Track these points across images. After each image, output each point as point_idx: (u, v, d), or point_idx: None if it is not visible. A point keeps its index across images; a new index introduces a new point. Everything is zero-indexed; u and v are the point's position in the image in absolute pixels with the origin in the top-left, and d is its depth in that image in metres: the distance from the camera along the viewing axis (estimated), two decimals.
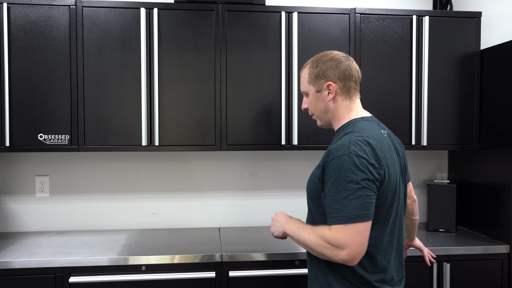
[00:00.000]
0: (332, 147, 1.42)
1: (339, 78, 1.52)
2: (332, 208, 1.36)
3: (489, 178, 2.44)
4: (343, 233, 1.33)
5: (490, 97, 2.42)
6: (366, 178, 1.35)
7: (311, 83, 1.57)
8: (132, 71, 2.27)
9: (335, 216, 1.35)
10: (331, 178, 1.37)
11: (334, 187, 1.36)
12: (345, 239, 1.33)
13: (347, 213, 1.33)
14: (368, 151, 1.39)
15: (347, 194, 1.34)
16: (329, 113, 1.57)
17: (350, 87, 1.54)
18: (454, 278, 2.25)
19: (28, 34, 2.22)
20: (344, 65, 1.53)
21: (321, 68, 1.53)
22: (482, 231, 2.51)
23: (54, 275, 2.05)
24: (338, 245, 1.34)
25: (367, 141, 1.41)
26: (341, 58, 1.54)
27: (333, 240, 1.35)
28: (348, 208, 1.33)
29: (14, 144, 2.22)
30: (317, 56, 1.58)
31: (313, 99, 1.58)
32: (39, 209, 2.62)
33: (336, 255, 1.36)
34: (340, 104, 1.54)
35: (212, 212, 2.74)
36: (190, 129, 2.32)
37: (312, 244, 1.42)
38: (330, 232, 1.37)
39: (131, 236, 2.48)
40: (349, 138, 1.41)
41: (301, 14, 2.36)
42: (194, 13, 2.30)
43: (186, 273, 2.10)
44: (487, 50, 2.44)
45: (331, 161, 1.38)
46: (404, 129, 2.44)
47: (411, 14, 2.43)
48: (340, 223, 1.34)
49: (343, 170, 1.35)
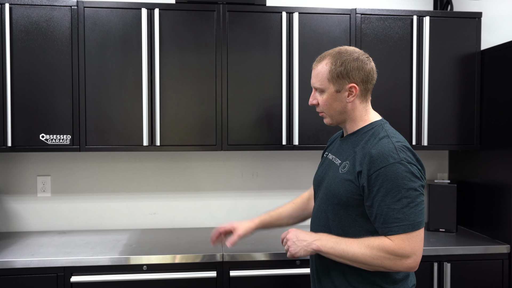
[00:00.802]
0: (374, 153, 1.37)
1: (362, 81, 1.47)
2: (392, 217, 1.33)
3: (489, 178, 2.44)
4: (409, 241, 1.33)
5: (491, 97, 2.43)
6: (421, 185, 1.36)
7: (331, 82, 1.47)
8: (133, 71, 2.28)
9: (397, 225, 1.33)
10: (384, 187, 1.34)
11: (391, 196, 1.33)
12: (412, 247, 1.33)
13: (411, 221, 1.33)
14: (414, 157, 1.39)
15: (407, 202, 1.33)
16: (344, 114, 1.51)
17: (369, 90, 1.51)
18: (454, 278, 2.26)
19: (30, 34, 2.23)
20: (368, 68, 1.48)
21: (346, 68, 1.45)
22: (482, 231, 2.51)
23: (55, 275, 2.06)
24: (405, 254, 1.34)
25: (408, 147, 1.40)
26: (365, 60, 1.49)
27: (400, 250, 1.33)
28: (412, 216, 1.33)
29: (16, 144, 2.23)
30: (339, 52, 1.49)
31: (330, 98, 1.49)
32: (41, 209, 2.63)
33: (401, 264, 1.35)
34: (357, 106, 1.50)
35: (213, 212, 2.74)
36: (191, 129, 2.33)
37: (367, 258, 1.36)
38: (394, 243, 1.34)
39: (132, 235, 2.49)
40: (391, 144, 1.38)
41: (302, 15, 2.36)
42: (195, 14, 2.31)
43: (187, 273, 2.11)
44: (488, 51, 2.45)
45: (381, 169, 1.34)
46: (405, 129, 2.45)
47: (411, 14, 2.43)
48: (405, 232, 1.33)
49: (400, 178, 1.33)
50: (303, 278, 2.13)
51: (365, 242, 1.38)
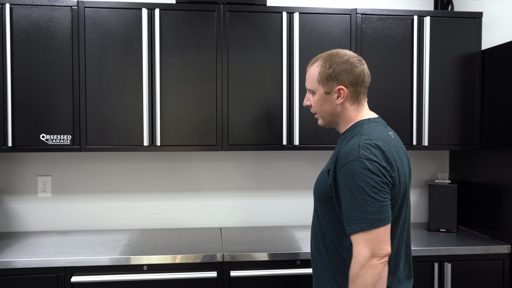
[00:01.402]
0: (341, 152, 1.39)
1: (351, 84, 1.48)
2: (352, 215, 1.33)
3: (490, 178, 2.44)
4: (367, 240, 1.31)
5: (491, 97, 2.43)
6: (380, 181, 1.33)
7: (321, 83, 1.51)
8: (134, 71, 2.28)
9: (356, 223, 1.32)
10: (344, 185, 1.35)
11: (350, 193, 1.33)
12: (370, 247, 1.30)
13: (369, 219, 1.30)
14: (379, 154, 1.36)
15: (364, 200, 1.31)
16: (335, 116, 1.54)
17: (360, 93, 1.51)
18: (455, 278, 2.26)
19: (30, 34, 2.23)
20: (358, 70, 1.49)
21: (334, 70, 1.48)
22: (483, 231, 2.51)
23: (56, 275, 2.06)
24: (366, 258, 1.30)
25: (376, 144, 1.38)
26: (355, 62, 1.50)
27: (359, 256, 1.31)
28: (368, 214, 1.31)
29: (17, 144, 2.23)
30: (330, 55, 1.52)
31: (320, 99, 1.53)
32: (41, 209, 2.63)
33: (372, 269, 1.29)
34: (348, 108, 1.51)
35: (214, 212, 2.74)
36: (192, 129, 2.33)
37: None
38: (355, 252, 1.32)
39: (132, 236, 2.49)
40: (357, 142, 1.38)
41: (302, 15, 2.36)
42: (196, 14, 2.31)
43: (188, 273, 2.11)
44: (488, 51, 2.44)
45: (342, 167, 1.36)
46: (405, 129, 2.45)
47: (412, 14, 2.43)
48: (363, 229, 1.31)
49: (356, 176, 1.32)
50: (303, 278, 2.13)
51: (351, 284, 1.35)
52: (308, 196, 2.75)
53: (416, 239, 2.41)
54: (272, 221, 2.75)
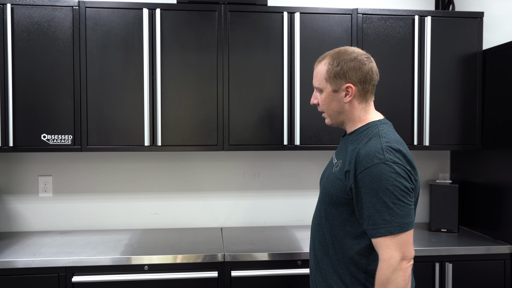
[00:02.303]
0: (361, 153, 1.37)
1: (360, 81, 1.47)
2: (379, 219, 1.32)
3: (491, 178, 2.44)
4: (396, 244, 1.31)
5: (492, 97, 2.42)
6: (408, 185, 1.34)
7: (329, 81, 1.49)
8: (135, 71, 2.28)
9: (384, 227, 1.31)
10: (370, 188, 1.33)
11: (376, 197, 1.32)
12: (400, 250, 1.31)
13: (398, 223, 1.31)
14: (402, 157, 1.36)
15: (393, 204, 1.31)
16: (343, 114, 1.52)
17: (368, 91, 1.49)
18: (456, 278, 2.25)
19: (32, 34, 2.23)
20: (367, 68, 1.47)
21: (342, 67, 1.46)
22: (484, 231, 2.50)
23: (57, 275, 2.06)
24: (396, 261, 1.30)
25: (398, 147, 1.37)
26: (364, 60, 1.48)
27: (390, 260, 1.31)
28: (398, 217, 1.31)
29: (18, 144, 2.24)
30: (338, 52, 1.50)
31: (328, 97, 1.51)
32: (42, 209, 2.63)
33: (402, 272, 1.31)
34: (356, 107, 1.50)
35: (215, 212, 2.74)
36: (193, 129, 2.33)
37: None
38: (381, 260, 1.33)
39: (133, 236, 2.49)
40: (379, 145, 1.37)
41: (303, 15, 2.36)
42: (197, 14, 2.31)
43: (189, 273, 2.11)
44: (489, 50, 2.44)
45: (366, 170, 1.34)
46: (406, 129, 2.44)
47: (413, 14, 2.43)
48: (392, 233, 1.31)
49: (385, 179, 1.31)
50: (304, 278, 2.13)
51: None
52: (309, 196, 2.75)
53: (417, 239, 2.41)
54: (273, 221, 2.75)
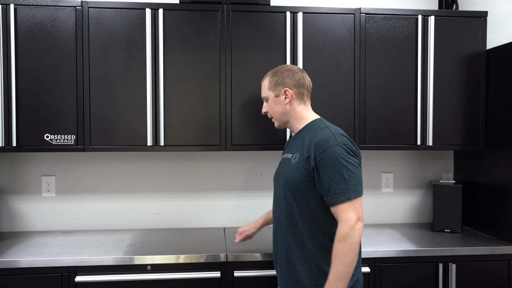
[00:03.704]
0: (316, 141, 1.67)
1: (294, 85, 1.81)
2: (338, 188, 1.60)
3: (495, 178, 2.43)
4: (353, 207, 1.60)
5: (496, 97, 2.41)
6: (357, 161, 1.66)
7: (271, 89, 1.85)
8: (138, 71, 2.28)
9: (342, 194, 1.60)
10: (328, 165, 1.63)
11: (334, 171, 1.61)
12: (357, 212, 1.60)
13: (353, 189, 1.61)
14: (349, 142, 1.68)
15: (348, 176, 1.61)
16: (286, 115, 1.84)
17: (303, 94, 1.83)
18: (460, 279, 2.24)
19: (35, 35, 2.24)
20: (298, 76, 1.83)
21: (279, 77, 1.83)
22: (488, 232, 2.49)
23: (60, 275, 2.06)
24: (353, 221, 1.59)
25: (344, 134, 1.71)
26: (296, 70, 1.85)
27: (349, 220, 1.59)
28: (352, 186, 1.61)
29: (21, 144, 2.24)
30: (276, 68, 1.89)
31: (272, 103, 1.86)
32: (46, 209, 2.64)
33: (357, 232, 1.59)
34: (296, 107, 1.83)
35: (217, 212, 2.74)
36: (195, 129, 2.33)
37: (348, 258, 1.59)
38: (340, 223, 1.60)
39: (136, 235, 2.49)
40: (330, 133, 1.69)
41: (306, 14, 2.36)
42: (199, 14, 2.31)
43: (191, 273, 2.11)
44: (493, 50, 2.43)
45: (324, 151, 1.64)
46: (410, 129, 2.44)
47: (416, 13, 2.42)
48: (349, 199, 1.60)
49: (340, 157, 1.62)
50: None
51: (334, 256, 1.60)
52: None
53: (420, 239, 2.40)
54: None
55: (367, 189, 2.82)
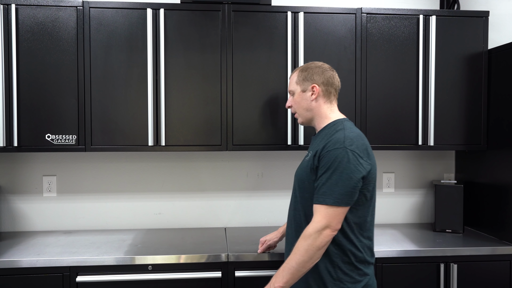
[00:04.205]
0: (328, 141, 1.64)
1: (323, 83, 1.78)
2: (322, 189, 1.59)
3: (496, 179, 2.42)
4: (326, 213, 1.57)
5: (498, 96, 2.41)
6: (355, 170, 1.58)
7: (298, 84, 1.82)
8: (139, 71, 2.28)
9: (323, 197, 1.58)
10: (324, 165, 1.61)
11: (326, 172, 1.59)
12: (328, 219, 1.56)
13: (335, 198, 1.56)
14: (359, 146, 1.63)
15: (336, 181, 1.57)
16: (311, 112, 1.81)
17: (331, 93, 1.80)
18: (461, 279, 2.24)
19: (36, 35, 2.24)
20: (328, 74, 1.80)
21: (309, 72, 1.80)
22: (489, 232, 2.49)
23: (61, 274, 2.07)
24: (321, 227, 1.56)
25: (357, 139, 1.65)
26: (327, 68, 1.81)
27: (317, 224, 1.57)
28: (335, 193, 1.56)
29: (22, 144, 2.24)
30: (307, 64, 1.86)
31: (298, 97, 1.82)
32: (47, 209, 2.64)
33: (322, 237, 1.55)
34: (321, 105, 1.79)
35: (218, 212, 2.74)
36: (196, 129, 2.33)
37: (302, 257, 1.57)
38: (312, 221, 1.59)
39: (137, 235, 2.49)
40: (342, 134, 1.65)
41: (307, 14, 2.36)
42: (200, 14, 2.31)
43: (192, 273, 2.11)
44: (495, 50, 2.43)
45: (327, 152, 1.62)
46: (411, 129, 2.43)
47: (417, 13, 2.42)
48: (326, 204, 1.57)
49: (338, 161, 1.58)
50: None
51: (293, 249, 1.61)
52: None
53: (422, 240, 2.40)
54: (277, 221, 2.74)
55: None
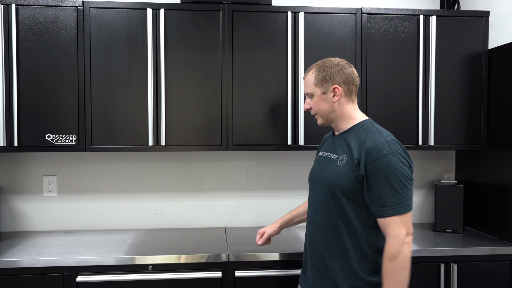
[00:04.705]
0: (368, 146, 1.57)
1: (344, 82, 1.68)
2: (388, 201, 1.52)
3: (497, 178, 2.42)
4: (403, 221, 1.53)
5: (498, 96, 2.41)
6: (410, 173, 1.57)
7: (318, 85, 1.70)
8: (139, 71, 2.28)
9: (393, 208, 1.52)
10: (380, 175, 1.53)
11: (385, 183, 1.52)
12: (406, 227, 1.53)
13: (404, 204, 1.53)
14: (402, 150, 1.59)
15: (400, 189, 1.52)
16: (334, 113, 1.71)
17: (352, 91, 1.71)
18: (461, 279, 2.24)
19: (36, 35, 2.24)
20: (348, 71, 1.70)
21: (328, 72, 1.69)
22: (490, 232, 2.49)
23: (61, 274, 2.07)
24: (403, 236, 1.52)
25: (397, 141, 1.61)
26: (345, 65, 1.71)
27: (399, 236, 1.52)
28: (404, 200, 1.53)
29: (22, 144, 2.24)
30: (323, 61, 1.74)
31: (319, 100, 1.72)
32: (47, 209, 2.64)
33: (406, 247, 1.52)
34: (344, 106, 1.70)
35: (218, 212, 2.74)
36: (197, 129, 2.33)
37: (401, 276, 1.53)
38: (390, 236, 1.53)
39: (137, 235, 2.49)
40: (383, 139, 1.59)
41: (308, 14, 2.36)
42: (201, 14, 2.31)
43: (193, 273, 2.11)
44: (495, 50, 2.42)
45: (377, 160, 1.54)
46: (411, 129, 2.43)
47: (418, 13, 2.42)
48: (399, 213, 1.52)
49: (394, 168, 1.53)
50: None
51: (385, 274, 1.54)
52: None
53: (422, 240, 2.40)
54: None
55: None
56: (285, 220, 2.06)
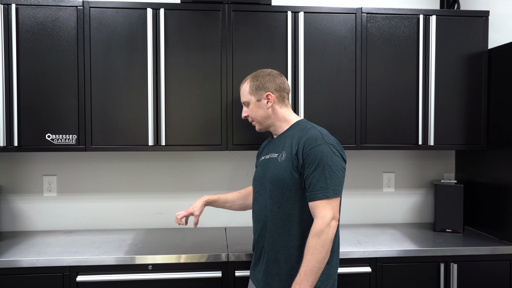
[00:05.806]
0: (305, 139, 1.72)
1: (276, 89, 1.87)
2: (318, 186, 1.66)
3: (496, 178, 2.42)
4: (330, 205, 1.65)
5: (498, 96, 2.41)
6: (341, 161, 1.71)
7: (252, 94, 1.89)
8: (139, 71, 2.28)
9: (321, 192, 1.65)
10: (312, 163, 1.68)
11: (317, 169, 1.66)
12: (333, 211, 1.65)
13: (332, 189, 1.65)
14: (336, 142, 1.75)
15: (329, 175, 1.66)
16: (269, 119, 1.89)
17: (284, 97, 1.90)
18: (461, 279, 2.24)
19: (36, 35, 2.24)
20: (279, 80, 1.89)
21: (260, 81, 1.88)
22: (489, 232, 2.49)
23: (61, 274, 2.07)
24: (329, 219, 1.63)
25: (328, 133, 1.77)
26: (276, 74, 1.91)
27: (324, 218, 1.63)
28: (332, 185, 1.66)
29: (22, 144, 2.24)
30: (256, 72, 1.94)
31: (254, 107, 1.90)
32: (47, 209, 2.64)
33: (331, 229, 1.63)
34: (278, 110, 1.88)
35: (218, 212, 2.73)
36: (197, 129, 2.33)
37: (320, 254, 1.62)
38: (316, 220, 1.65)
39: (137, 235, 2.50)
40: (318, 132, 1.74)
41: (307, 14, 2.36)
42: (201, 13, 2.31)
43: (193, 273, 2.11)
44: (495, 49, 2.42)
45: (311, 149, 1.69)
46: (411, 129, 2.43)
47: (418, 13, 2.42)
48: (327, 197, 1.65)
49: (325, 156, 1.67)
50: None
51: (307, 250, 1.64)
52: None
53: (422, 239, 2.40)
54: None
55: (369, 188, 2.82)
56: (210, 200, 2.10)
